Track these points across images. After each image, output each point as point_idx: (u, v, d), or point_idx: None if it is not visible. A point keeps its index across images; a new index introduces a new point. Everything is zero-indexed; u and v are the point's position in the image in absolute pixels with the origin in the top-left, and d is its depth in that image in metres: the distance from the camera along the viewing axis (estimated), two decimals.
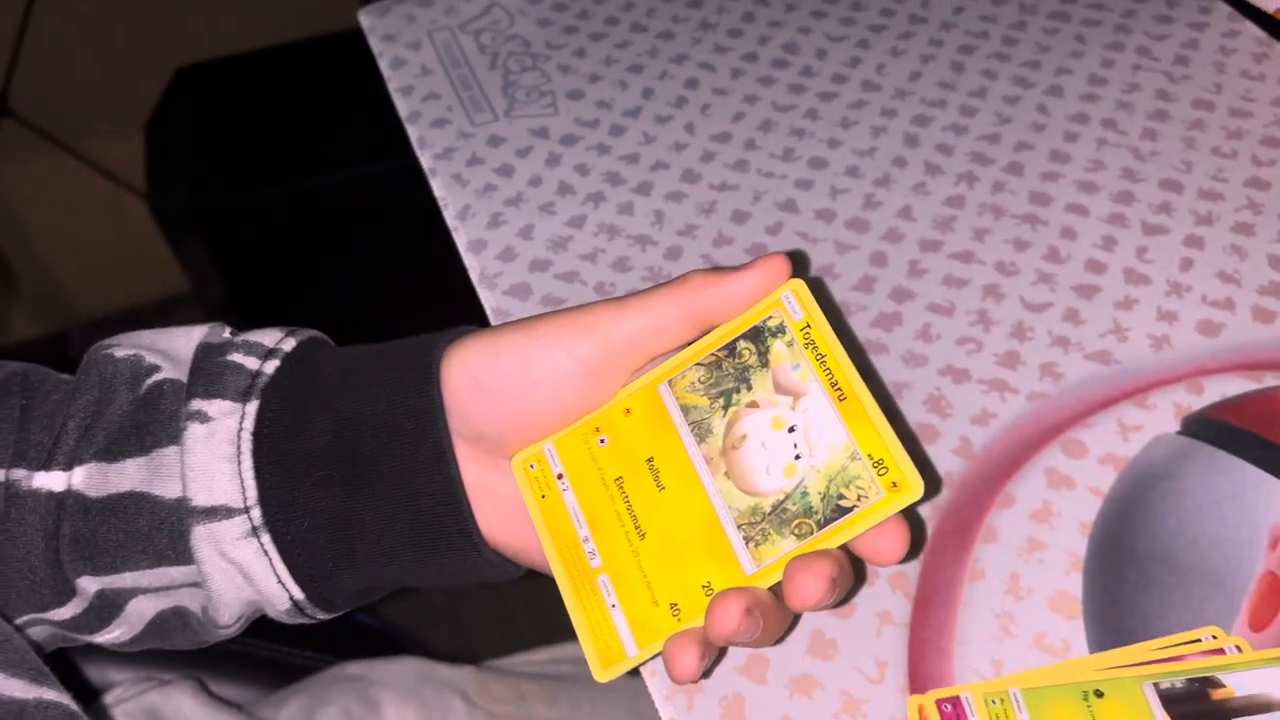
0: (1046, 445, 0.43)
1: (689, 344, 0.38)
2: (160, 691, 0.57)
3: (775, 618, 0.34)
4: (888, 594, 0.40)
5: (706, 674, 0.38)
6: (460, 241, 0.53)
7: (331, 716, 0.54)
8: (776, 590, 0.34)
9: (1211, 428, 0.43)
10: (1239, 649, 0.37)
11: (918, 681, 0.38)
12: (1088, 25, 0.61)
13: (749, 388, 0.36)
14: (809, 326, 0.36)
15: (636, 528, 0.36)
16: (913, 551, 0.40)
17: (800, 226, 0.52)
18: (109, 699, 0.57)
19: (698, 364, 0.37)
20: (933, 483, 0.43)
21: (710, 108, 0.58)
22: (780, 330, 0.36)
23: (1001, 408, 0.45)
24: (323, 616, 0.41)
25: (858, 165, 0.55)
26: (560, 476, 0.38)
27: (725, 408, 0.36)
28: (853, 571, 0.35)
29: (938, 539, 0.41)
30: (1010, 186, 0.53)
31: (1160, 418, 0.44)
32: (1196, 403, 0.44)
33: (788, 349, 0.36)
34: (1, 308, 1.48)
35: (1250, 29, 0.60)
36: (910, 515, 0.40)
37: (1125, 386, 0.45)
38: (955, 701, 0.37)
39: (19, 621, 0.40)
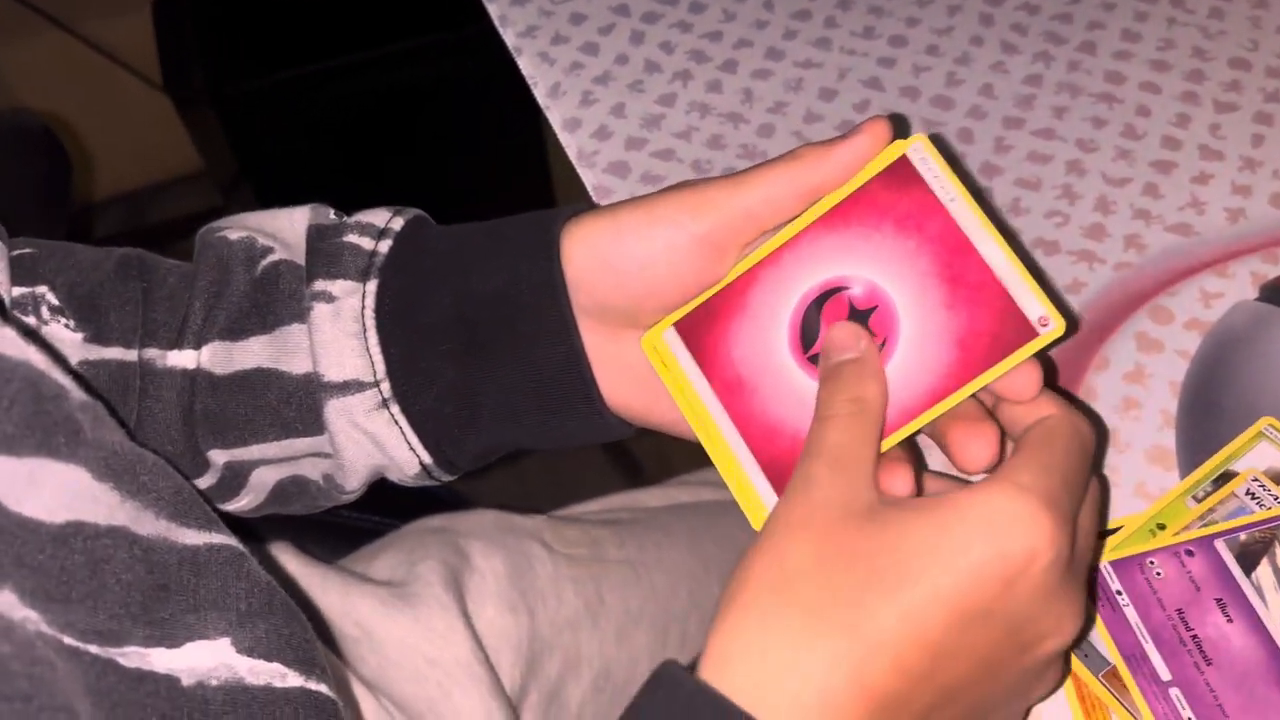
0: (1135, 311, 0.46)
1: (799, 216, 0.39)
2: (263, 553, 0.59)
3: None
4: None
5: None
6: (554, 120, 0.54)
7: (433, 569, 0.56)
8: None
9: None
10: None
11: None
12: None
13: None
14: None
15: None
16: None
17: (887, 104, 0.54)
18: None
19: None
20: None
21: None
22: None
23: (1091, 277, 0.47)
24: (446, 478, 0.44)
25: (937, 44, 0.56)
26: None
27: None
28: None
29: None
30: (1085, 65, 0.55)
31: (1239, 285, 0.47)
32: (1272, 271, 0.47)
33: None
34: None
35: None
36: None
37: (1205, 256, 0.48)
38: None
39: None
